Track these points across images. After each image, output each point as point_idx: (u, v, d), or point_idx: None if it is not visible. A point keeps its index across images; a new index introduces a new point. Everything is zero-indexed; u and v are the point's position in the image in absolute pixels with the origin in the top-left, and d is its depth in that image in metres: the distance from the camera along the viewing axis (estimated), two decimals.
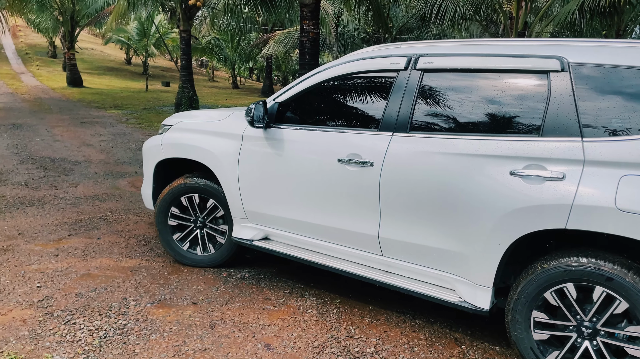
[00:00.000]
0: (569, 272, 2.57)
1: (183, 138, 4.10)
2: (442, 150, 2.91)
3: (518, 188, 2.65)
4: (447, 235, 2.92)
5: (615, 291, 2.46)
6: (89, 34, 40.07)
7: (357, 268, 3.34)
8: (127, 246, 4.60)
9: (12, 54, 34.11)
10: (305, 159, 3.46)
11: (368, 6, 12.52)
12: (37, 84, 23.45)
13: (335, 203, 3.33)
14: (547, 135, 2.64)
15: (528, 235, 2.67)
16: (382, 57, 3.29)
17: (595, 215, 2.45)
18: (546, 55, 2.74)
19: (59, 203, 5.83)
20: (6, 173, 7.10)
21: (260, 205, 3.73)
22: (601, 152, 2.49)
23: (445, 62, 3.04)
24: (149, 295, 3.64)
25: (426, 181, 2.94)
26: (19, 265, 4.06)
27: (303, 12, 9.19)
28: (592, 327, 2.58)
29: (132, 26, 32.36)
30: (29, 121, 12.39)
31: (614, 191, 2.42)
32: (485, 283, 2.84)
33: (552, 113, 2.65)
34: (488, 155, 2.76)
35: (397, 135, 3.09)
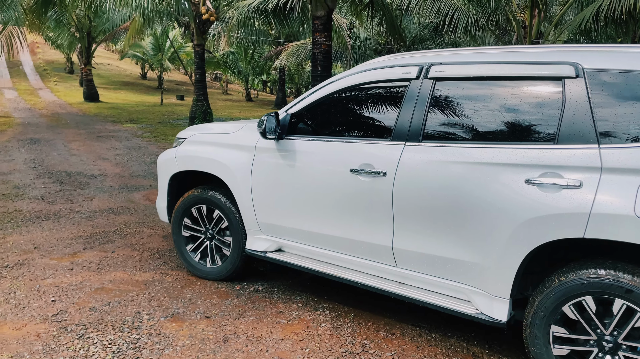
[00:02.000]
0: (587, 285, 2.50)
1: (196, 151, 4.13)
2: (456, 159, 2.87)
3: (534, 196, 2.60)
4: (463, 245, 2.87)
5: (636, 303, 2.39)
6: (105, 49, 40.79)
7: (371, 280, 3.30)
8: (141, 259, 4.61)
9: (30, 70, 34.81)
10: (317, 170, 3.44)
11: (381, 17, 12.54)
12: (55, 99, 23.86)
13: (348, 213, 3.30)
14: (562, 143, 2.60)
15: (546, 245, 2.61)
16: (394, 67, 3.28)
17: (614, 223, 2.39)
18: (560, 62, 2.70)
19: (74, 216, 5.88)
20: (23, 188, 7.19)
21: (274, 217, 3.72)
22: (619, 158, 2.44)
23: (458, 70, 3.01)
24: (162, 309, 3.63)
25: (440, 191, 2.90)
26: (34, 279, 4.08)
27: (315, 25, 9.24)
28: (613, 341, 2.50)
29: (148, 41, 32.86)
30: (47, 136, 12.59)
31: (633, 198, 2.36)
32: (502, 294, 2.77)
33: (567, 120, 2.61)
34: (503, 164, 2.72)
35: (410, 144, 3.07)
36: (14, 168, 8.60)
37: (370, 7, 11.69)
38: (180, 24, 16.91)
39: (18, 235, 5.15)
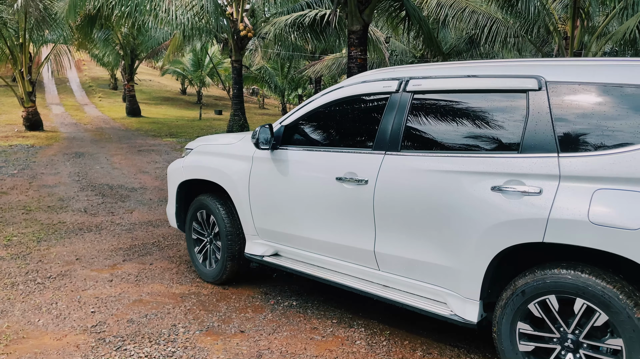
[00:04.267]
0: (550, 284, 2.60)
1: (201, 161, 4.41)
2: (430, 168, 3.02)
3: (498, 203, 2.73)
4: (437, 249, 3.00)
5: (595, 303, 2.46)
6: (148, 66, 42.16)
7: (358, 283, 3.44)
8: (177, 272, 4.66)
9: (76, 86, 36.25)
10: (307, 178, 3.65)
11: (417, 30, 12.50)
12: (99, 115, 24.74)
13: (335, 219, 3.48)
14: (525, 152, 2.72)
15: (512, 249, 2.71)
16: (376, 81, 3.46)
17: (570, 228, 2.49)
18: (525, 75, 2.82)
19: (115, 229, 6.03)
20: (67, 200, 7.43)
21: (269, 223, 3.92)
22: (576, 167, 2.55)
23: (432, 84, 3.17)
24: (197, 322, 3.65)
25: (415, 198, 3.05)
26: (75, 289, 4.18)
27: (351, 39, 9.28)
28: (574, 340, 2.59)
29: (187, 58, 33.76)
30: (90, 150, 13.03)
31: (587, 205, 2.46)
32: (473, 296, 2.88)
33: (530, 130, 2.73)
34: (472, 172, 2.85)
35: (389, 154, 3.23)
36: (59, 181, 8.92)
37: (406, 20, 11.67)
38: (218, 41, 17.29)
39: (61, 246, 5.32)
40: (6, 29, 15.21)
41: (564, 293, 2.56)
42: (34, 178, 9.06)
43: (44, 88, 33.01)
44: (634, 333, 2.36)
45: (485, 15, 12.52)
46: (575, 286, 2.51)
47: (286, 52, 20.90)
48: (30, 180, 8.87)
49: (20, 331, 3.45)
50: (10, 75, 23.18)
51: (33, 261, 4.82)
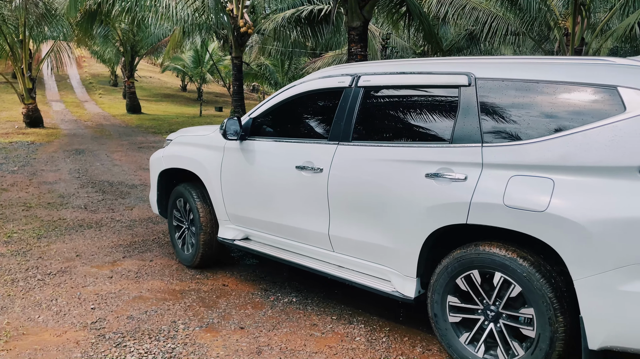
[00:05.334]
0: (473, 260, 2.87)
1: (179, 151, 4.73)
2: (376, 157, 3.29)
3: (431, 188, 2.99)
4: (381, 231, 3.25)
5: (511, 276, 2.73)
6: (148, 63, 42.12)
7: (316, 264, 3.71)
8: (177, 268, 4.67)
9: (77, 83, 36.22)
10: (271, 167, 3.93)
11: (418, 26, 12.47)
12: (99, 111, 24.73)
13: (296, 205, 3.75)
14: (455, 142, 2.98)
15: (444, 230, 2.98)
16: (332, 77, 3.72)
17: (487, 211, 2.76)
18: (458, 72, 3.07)
19: (115, 225, 6.03)
20: (68, 197, 7.44)
21: (239, 208, 4.19)
22: (496, 156, 2.81)
23: (380, 80, 3.43)
24: (197, 319, 3.65)
25: (363, 185, 3.32)
26: (75, 286, 4.19)
27: (351, 36, 9.26)
28: (495, 310, 2.86)
29: (188, 54, 33.71)
30: (91, 146, 13.03)
31: (503, 190, 2.72)
32: (411, 274, 3.15)
33: (460, 122, 2.99)
34: (410, 160, 3.13)
35: (342, 144, 3.50)
36: (59, 177, 8.92)
37: (407, 16, 11.64)
38: (218, 37, 17.26)
39: (61, 242, 5.32)
40: (6, 25, 15.19)
41: (485, 268, 2.84)
42: (34, 175, 9.06)
43: (44, 85, 32.99)
44: (542, 303, 2.63)
45: (485, 12, 12.49)
46: (494, 262, 2.79)
47: (286, 49, 20.87)
48: (31, 177, 8.88)
49: (20, 328, 3.45)
50: (10, 72, 23.18)
51: (33, 258, 4.82)
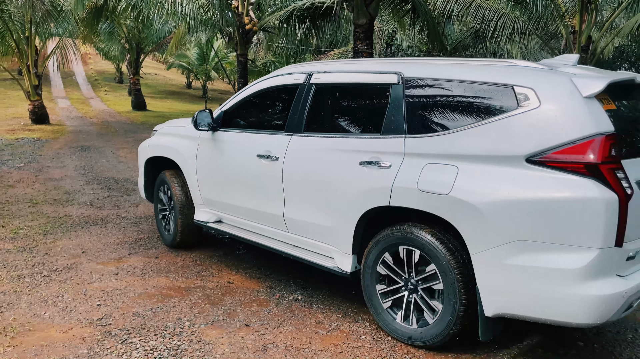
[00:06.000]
0: (396, 239, 3.26)
1: (161, 141, 5.17)
2: (321, 147, 3.68)
3: (363, 174, 3.37)
4: (325, 213, 3.63)
5: (425, 253, 3.11)
6: (153, 60, 42.14)
7: (275, 244, 4.07)
8: (183, 265, 4.67)
9: (82, 80, 36.28)
10: (237, 155, 4.32)
11: (423, 24, 12.41)
12: (105, 108, 24.77)
13: (257, 190, 4.13)
14: (384, 134, 3.35)
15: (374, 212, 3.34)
16: (290, 74, 4.10)
17: (404, 194, 3.15)
18: (390, 71, 3.44)
19: (120, 222, 6.04)
20: (73, 193, 7.45)
21: (212, 193, 4.59)
22: (415, 146, 3.19)
23: (327, 77, 3.83)
24: (203, 316, 3.66)
25: (310, 171, 3.71)
26: (81, 282, 4.20)
27: (356, 33, 9.23)
28: (414, 282, 3.25)
29: (193, 52, 33.70)
30: (96, 143, 13.05)
31: (417, 176, 3.10)
32: (348, 251, 3.53)
33: (389, 116, 3.35)
34: (348, 150, 3.51)
35: (295, 135, 3.87)
36: (65, 174, 8.94)
37: (412, 13, 11.59)
38: (223, 35, 17.23)
39: (67, 239, 5.33)
40: (12, 22, 15.21)
41: (405, 246, 3.23)
42: (40, 172, 9.08)
43: (50, 81, 33.07)
44: (449, 276, 3.01)
45: (492, 10, 12.41)
46: (411, 241, 3.18)
47: (292, 46, 20.84)
48: (37, 173, 8.90)
49: (26, 324, 3.47)
50: (16, 69, 23.25)
51: (39, 254, 4.84)
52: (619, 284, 2.69)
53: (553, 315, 2.74)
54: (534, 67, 3.04)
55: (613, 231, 2.61)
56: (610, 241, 2.61)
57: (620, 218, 2.61)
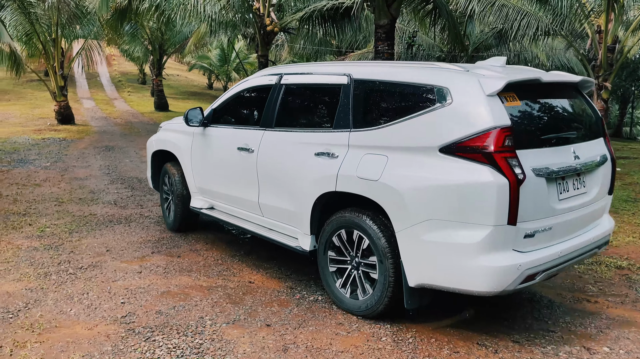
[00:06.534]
0: (340, 221, 3.71)
1: (164, 136, 5.76)
2: (287, 140, 4.17)
3: (316, 164, 3.83)
4: (289, 199, 4.08)
5: (363, 233, 3.55)
6: (175, 61, 42.57)
7: (254, 227, 4.54)
8: (205, 265, 4.72)
9: (106, 81, 36.90)
10: (222, 148, 4.82)
11: (444, 24, 12.31)
12: (128, 109, 25.15)
13: (237, 179, 4.62)
14: (335, 128, 3.80)
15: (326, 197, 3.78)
16: (265, 76, 4.63)
17: (346, 181, 3.60)
18: (341, 73, 3.90)
19: (143, 221, 6.13)
20: (98, 193, 7.59)
21: (203, 182, 5.12)
22: (356, 139, 3.64)
23: (293, 78, 4.34)
24: (224, 315, 3.69)
25: (278, 162, 4.19)
26: (105, 280, 4.27)
27: (378, 33, 9.20)
28: (357, 261, 3.68)
29: (214, 53, 34.01)
30: (120, 143, 13.27)
31: (357, 165, 3.54)
32: (307, 232, 3.98)
33: (339, 113, 3.81)
34: (307, 142, 3.96)
35: (267, 130, 4.35)
36: (90, 174, 9.11)
37: (433, 13, 11.50)
38: (244, 37, 17.34)
39: (92, 238, 5.43)
40: (39, 24, 15.56)
41: (348, 227, 3.66)
42: (65, 171, 9.27)
43: (76, 82, 33.70)
44: (381, 253, 3.44)
45: (515, 9, 12.24)
46: (353, 222, 3.62)
47: (312, 47, 20.89)
48: (62, 173, 9.09)
49: (53, 321, 3.54)
50: (43, 70, 23.73)
51: (65, 252, 4.94)
52: (514, 257, 3.06)
53: (460, 284, 3.15)
54: (451, 69, 3.42)
55: (505, 211, 2.98)
56: (503, 220, 2.99)
57: (512, 199, 2.98)
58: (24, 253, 4.89)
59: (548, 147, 3.32)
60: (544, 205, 3.20)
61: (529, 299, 4.10)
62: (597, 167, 3.64)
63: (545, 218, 3.21)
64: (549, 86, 3.55)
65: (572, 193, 3.43)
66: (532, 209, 3.12)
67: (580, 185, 3.50)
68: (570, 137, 3.54)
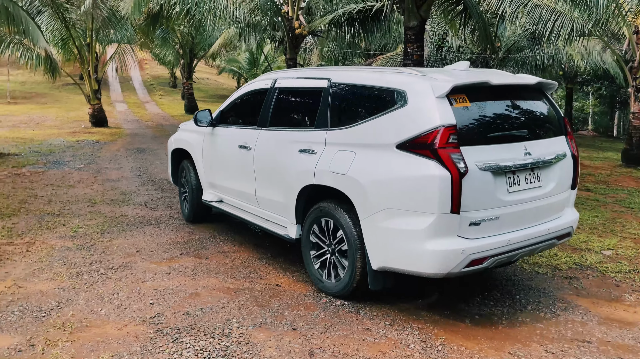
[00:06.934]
0: (319, 212, 4.11)
1: (179, 135, 6.35)
2: (277, 138, 4.62)
3: (299, 159, 4.22)
4: (279, 191, 4.50)
5: (338, 223, 3.93)
6: (205, 64, 43.22)
7: (252, 218, 4.97)
8: (232, 267, 4.74)
9: (138, 84, 37.71)
10: (226, 146, 5.30)
11: (474, 26, 12.11)
12: (159, 112, 25.62)
13: (239, 174, 5.06)
14: (316, 127, 4.21)
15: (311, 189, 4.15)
16: (264, 80, 5.09)
17: (322, 175, 3.99)
18: (323, 77, 4.32)
19: (173, 222, 6.20)
20: (129, 194, 7.73)
21: (213, 177, 5.60)
22: (332, 137, 4.03)
23: (284, 82, 4.82)
24: (251, 318, 3.68)
25: (270, 158, 4.64)
26: (135, 281, 4.33)
27: (407, 35, 9.11)
28: (333, 247, 4.04)
29: (243, 56, 34.36)
30: (151, 146, 13.50)
31: (331, 160, 3.93)
32: (293, 221, 4.39)
33: (320, 114, 4.21)
34: (293, 140, 4.39)
35: (263, 129, 4.81)
36: (122, 175, 9.29)
37: (463, 14, 11.32)
38: (272, 40, 17.44)
39: (123, 238, 5.52)
40: (74, 29, 15.99)
41: (325, 217, 4.06)
42: (98, 173, 9.48)
43: (109, 86, 34.54)
44: (351, 239, 3.81)
45: (549, 10, 11.95)
46: (328, 213, 4.01)
47: (341, 50, 20.87)
48: (95, 174, 9.29)
49: (83, 320, 3.60)
50: (78, 74, 24.38)
51: (97, 252, 5.03)
52: (458, 243, 3.36)
53: (412, 267, 3.49)
54: (410, 74, 3.77)
55: (448, 201, 3.30)
56: (446, 209, 3.31)
57: (454, 190, 3.29)
58: (58, 252, 5.00)
59: (496, 144, 3.61)
60: (490, 196, 3.48)
61: (561, 309, 3.98)
62: (554, 164, 3.88)
63: (491, 209, 3.49)
64: (503, 88, 3.85)
65: (524, 187, 3.68)
66: (477, 200, 3.41)
67: (534, 180, 3.76)
68: (522, 135, 3.80)
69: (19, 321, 3.57)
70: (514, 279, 4.57)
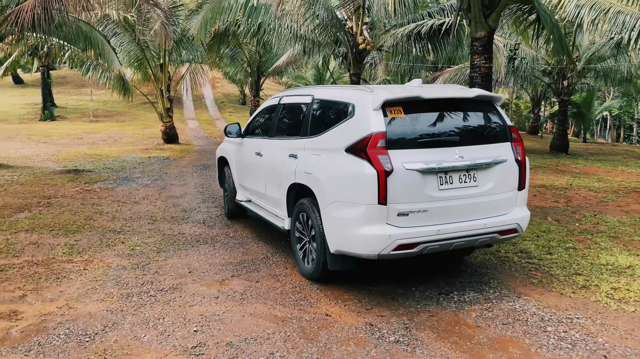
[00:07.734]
0: (299, 207, 4.87)
1: (223, 146, 7.45)
2: (277, 146, 5.50)
3: (289, 162, 5.00)
4: (277, 189, 5.30)
5: (309, 215, 4.63)
6: (273, 82, 44.13)
7: (265, 214, 5.80)
8: (282, 292, 4.54)
9: (210, 102, 39.06)
10: (248, 153, 6.27)
11: (548, 35, 11.36)
12: None
13: (256, 177, 6.00)
14: (301, 136, 5.03)
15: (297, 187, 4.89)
16: (274, 98, 6.08)
17: (299, 175, 4.76)
18: (308, 94, 5.20)
19: (228, 242, 6.12)
20: (189, 211, 7.78)
21: (242, 180, 6.63)
22: (308, 143, 4.82)
23: (286, 99, 5.79)
24: (296, 352, 3.44)
25: (272, 162, 5.50)
26: (183, 305, 4.23)
27: (474, 47, 8.66)
28: (309, 237, 4.76)
29: (310, 73, 34.74)
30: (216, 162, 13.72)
31: (305, 163, 4.72)
32: (285, 215, 5.21)
33: (304, 124, 5.03)
34: (285, 147, 5.23)
35: (271, 139, 5.75)
36: (185, 192, 9.43)
37: (536, 24, 10.65)
38: (336, 56, 17.38)
39: (177, 258, 5.49)
40: (149, 50, 16.75)
41: (304, 211, 4.76)
42: (163, 189, 9.68)
43: (183, 104, 36.01)
44: (317, 228, 4.49)
45: (634, 16, 11.00)
46: (304, 207, 4.74)
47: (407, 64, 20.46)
48: (160, 191, 9.49)
49: (125, 347, 3.51)
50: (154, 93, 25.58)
51: (150, 272, 5.01)
52: (385, 229, 4.00)
53: (353, 249, 4.17)
54: (362, 90, 4.49)
55: (375, 194, 3.97)
56: (374, 200, 3.98)
57: (380, 185, 3.95)
58: (113, 271, 5.03)
59: (427, 148, 4.17)
60: (418, 192, 4.06)
61: None
62: (492, 166, 4.35)
63: (419, 202, 4.07)
64: (440, 101, 4.47)
65: (457, 186, 4.21)
66: (404, 194, 4.02)
67: (469, 180, 4.26)
68: (454, 140, 4.29)
69: (63, 345, 3.54)
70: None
